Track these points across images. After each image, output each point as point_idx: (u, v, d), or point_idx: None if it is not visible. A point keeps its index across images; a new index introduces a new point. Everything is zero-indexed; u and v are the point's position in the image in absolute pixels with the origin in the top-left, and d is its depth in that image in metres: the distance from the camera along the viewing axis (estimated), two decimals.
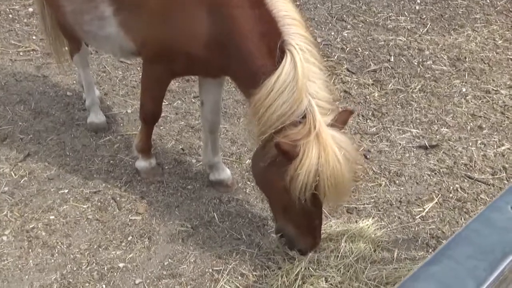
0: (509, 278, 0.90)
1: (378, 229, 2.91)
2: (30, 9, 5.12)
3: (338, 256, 2.64)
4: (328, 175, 2.21)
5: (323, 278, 2.51)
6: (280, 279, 2.55)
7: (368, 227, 2.86)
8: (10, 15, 5.02)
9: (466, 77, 4.34)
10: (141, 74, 4.05)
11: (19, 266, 2.71)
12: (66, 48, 3.68)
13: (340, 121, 2.35)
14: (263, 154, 2.40)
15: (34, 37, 4.71)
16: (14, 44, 4.60)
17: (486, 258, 0.87)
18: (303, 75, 2.24)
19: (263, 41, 2.34)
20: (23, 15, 5.04)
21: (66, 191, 3.15)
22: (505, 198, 0.97)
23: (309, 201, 2.33)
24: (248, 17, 2.33)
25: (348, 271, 2.56)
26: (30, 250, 2.79)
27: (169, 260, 2.76)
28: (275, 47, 2.30)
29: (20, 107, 3.83)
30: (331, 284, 2.50)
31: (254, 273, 2.68)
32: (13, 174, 3.25)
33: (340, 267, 2.57)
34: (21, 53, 4.49)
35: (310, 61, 2.31)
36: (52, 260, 2.75)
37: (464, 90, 4.19)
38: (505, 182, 3.37)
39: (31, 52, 4.50)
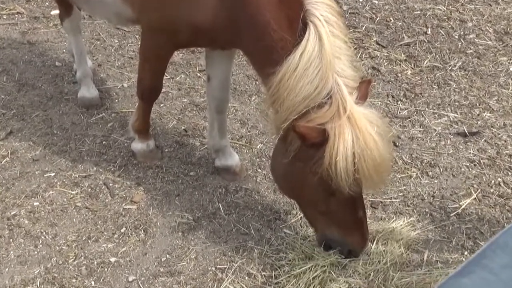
0: None
1: (411, 229, 2.87)
2: None
3: (367, 261, 2.61)
4: (367, 156, 2.21)
5: (346, 284, 2.49)
6: (292, 281, 2.53)
7: (402, 228, 2.83)
8: None
9: None
10: (139, 42, 4.04)
11: None
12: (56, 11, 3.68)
13: (361, 96, 2.33)
14: (285, 148, 2.36)
15: None
16: None
17: None
18: (330, 51, 2.21)
19: (281, 11, 2.30)
20: None
21: (53, 174, 3.16)
22: None
23: (349, 190, 2.32)
24: None
25: (377, 278, 2.54)
26: (11, 240, 2.81)
27: (167, 255, 2.76)
28: (295, 18, 2.26)
29: (3, 78, 3.84)
30: None
31: (263, 273, 2.66)
32: None
33: (370, 273, 2.55)
34: (4, 17, 4.49)
35: (335, 35, 2.27)
36: (36, 252, 2.76)
37: (511, 69, 4.11)
38: None
39: (16, 16, 4.51)
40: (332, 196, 2.36)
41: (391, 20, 4.58)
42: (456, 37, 4.42)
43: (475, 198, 3.13)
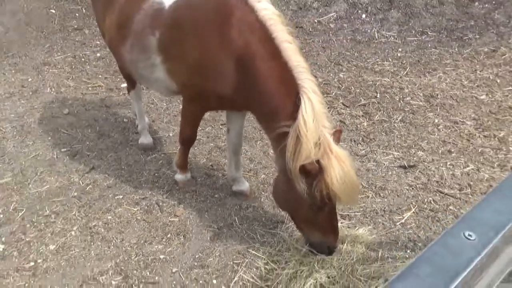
0: None
1: (369, 235, 2.86)
2: (98, 54, 5.28)
3: (340, 258, 2.59)
4: (347, 179, 2.20)
5: (325, 274, 2.47)
6: (288, 272, 2.52)
7: (363, 233, 2.83)
8: (83, 59, 5.18)
9: (438, 110, 4.27)
10: (180, 105, 4.12)
11: (83, 255, 2.75)
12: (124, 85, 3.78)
13: (335, 139, 2.33)
14: (287, 179, 2.33)
15: (100, 76, 4.85)
16: (85, 81, 4.74)
17: (442, 277, 0.85)
18: (319, 111, 2.24)
19: (280, 84, 2.31)
20: (92, 59, 5.19)
21: (121, 197, 3.20)
22: (460, 225, 0.95)
23: (332, 205, 2.31)
24: (269, 67, 2.32)
25: (346, 269, 2.52)
26: (92, 243, 2.83)
27: (199, 254, 2.77)
28: (290, 89, 2.28)
29: (88, 130, 3.92)
30: (329, 278, 2.46)
31: (266, 266, 2.65)
32: (81, 183, 3.32)
33: (341, 266, 2.52)
34: (90, 88, 4.61)
35: (319, 100, 2.28)
36: (109, 251, 2.78)
37: (436, 121, 4.13)
38: (470, 196, 3.29)
39: (97, 88, 4.63)
40: (318, 211, 2.34)
41: (352, 88, 4.64)
42: (397, 99, 4.46)
43: (413, 212, 3.11)
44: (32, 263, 2.68)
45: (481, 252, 0.89)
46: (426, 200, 3.23)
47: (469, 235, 0.93)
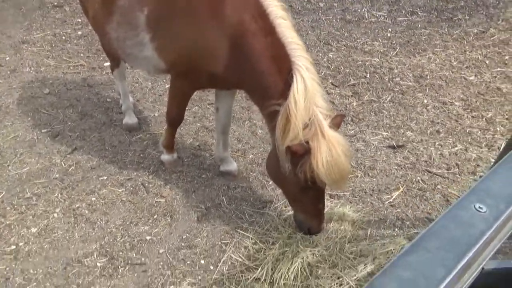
0: (473, 267, 0.86)
1: (355, 212, 2.86)
2: (79, 32, 5.09)
3: (328, 236, 2.59)
4: (335, 164, 2.13)
5: (312, 253, 2.47)
6: (276, 251, 2.51)
7: (351, 212, 2.82)
8: (63, 37, 5.00)
9: (427, 91, 4.27)
10: (166, 85, 4.03)
11: (67, 237, 2.69)
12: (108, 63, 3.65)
13: (335, 124, 2.28)
14: (278, 156, 2.29)
15: (82, 55, 4.69)
16: (66, 60, 4.58)
17: (453, 250, 0.84)
18: (311, 89, 2.18)
19: (274, 62, 2.27)
20: (73, 37, 5.01)
21: (105, 178, 3.13)
22: (469, 197, 0.93)
23: (318, 188, 2.26)
24: (262, 43, 2.26)
25: (334, 247, 2.52)
26: (75, 225, 2.78)
27: (187, 234, 2.74)
28: (283, 67, 2.23)
29: (70, 110, 3.81)
30: (317, 257, 2.45)
31: (254, 246, 2.64)
32: (63, 164, 3.23)
33: (330, 245, 2.52)
34: (71, 67, 4.46)
35: (313, 78, 2.23)
36: (93, 233, 2.73)
37: (425, 101, 4.13)
38: (458, 176, 3.32)
39: (79, 67, 4.48)
40: (303, 190, 2.31)
41: (341, 68, 4.60)
42: (387, 79, 4.44)
43: (402, 191, 3.13)
44: (13, 247, 2.61)
45: (492, 225, 0.87)
46: (414, 179, 3.24)
47: (479, 207, 0.91)
